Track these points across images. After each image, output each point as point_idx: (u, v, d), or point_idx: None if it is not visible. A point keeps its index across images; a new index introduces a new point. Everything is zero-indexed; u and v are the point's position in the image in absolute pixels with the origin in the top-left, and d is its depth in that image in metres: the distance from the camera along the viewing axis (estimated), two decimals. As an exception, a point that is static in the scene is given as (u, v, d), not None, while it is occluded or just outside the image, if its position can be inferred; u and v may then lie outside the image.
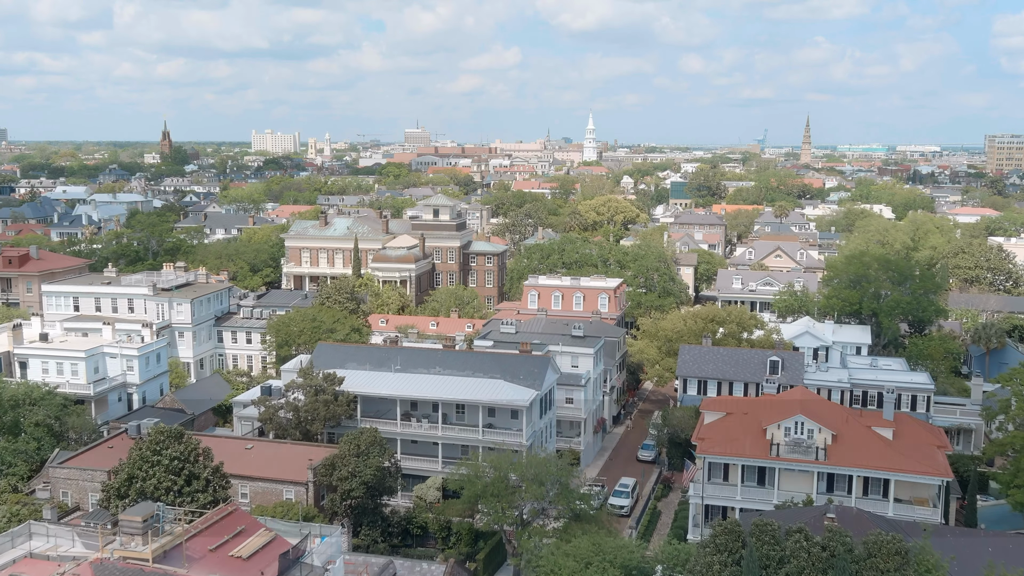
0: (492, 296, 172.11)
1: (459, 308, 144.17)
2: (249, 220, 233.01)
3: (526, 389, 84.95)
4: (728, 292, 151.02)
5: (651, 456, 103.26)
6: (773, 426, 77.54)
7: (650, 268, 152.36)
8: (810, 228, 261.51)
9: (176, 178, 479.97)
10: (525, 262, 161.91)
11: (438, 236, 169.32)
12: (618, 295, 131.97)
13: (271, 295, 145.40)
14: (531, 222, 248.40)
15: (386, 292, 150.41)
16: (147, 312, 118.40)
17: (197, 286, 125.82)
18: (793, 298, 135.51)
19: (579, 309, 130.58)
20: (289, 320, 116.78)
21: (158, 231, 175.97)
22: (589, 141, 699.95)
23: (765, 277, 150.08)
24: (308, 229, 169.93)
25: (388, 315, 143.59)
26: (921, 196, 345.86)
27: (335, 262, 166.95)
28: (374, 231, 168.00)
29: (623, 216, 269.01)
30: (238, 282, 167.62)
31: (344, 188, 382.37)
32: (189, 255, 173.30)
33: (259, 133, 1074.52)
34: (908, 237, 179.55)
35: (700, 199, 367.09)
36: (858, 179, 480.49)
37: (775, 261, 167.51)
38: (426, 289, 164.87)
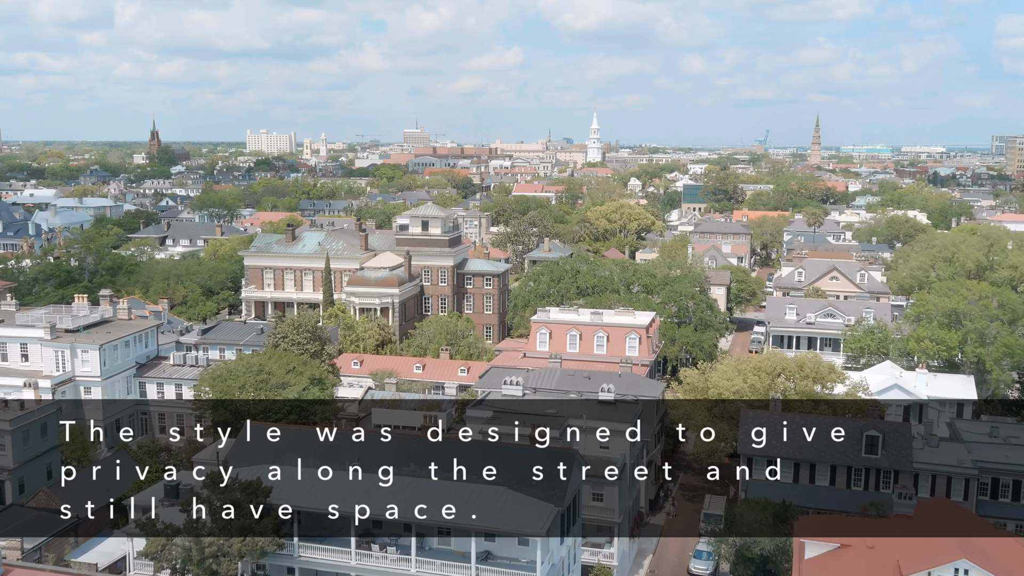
0: (492, 325, 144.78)
1: (451, 345, 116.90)
2: (216, 230, 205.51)
3: (541, 504, 57.68)
4: (780, 325, 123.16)
5: (708, 570, 75.93)
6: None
7: (684, 295, 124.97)
8: (847, 238, 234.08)
9: (159, 180, 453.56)
10: (531, 286, 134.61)
11: (427, 253, 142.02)
12: (651, 334, 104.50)
13: (219, 329, 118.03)
14: (536, 231, 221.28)
15: (362, 324, 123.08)
16: (43, 361, 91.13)
17: (115, 324, 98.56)
18: (869, 337, 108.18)
19: (602, 352, 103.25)
20: (227, 372, 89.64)
21: (95, 247, 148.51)
22: (593, 142, 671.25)
23: (826, 307, 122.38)
24: (272, 245, 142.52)
25: (363, 355, 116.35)
26: (959, 202, 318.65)
27: (303, 285, 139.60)
28: (350, 247, 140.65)
29: (637, 223, 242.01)
30: (188, 310, 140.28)
31: (334, 191, 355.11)
32: (132, 275, 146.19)
33: (254, 133, 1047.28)
34: (982, 254, 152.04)
35: (716, 204, 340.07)
36: (880, 182, 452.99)
37: (831, 284, 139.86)
38: (412, 318, 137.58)
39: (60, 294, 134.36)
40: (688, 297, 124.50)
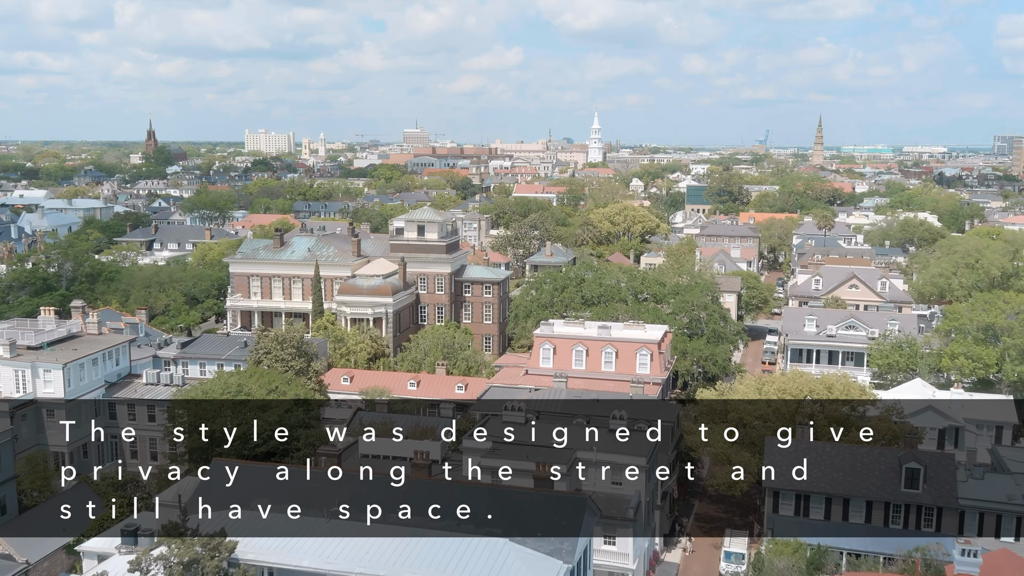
0: (491, 335, 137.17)
1: (448, 360, 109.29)
2: (206, 233, 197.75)
3: (548, 560, 50.12)
4: (799, 338, 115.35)
5: (733, 620, 68.45)
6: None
7: (696, 305, 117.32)
8: (858, 241, 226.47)
9: (154, 180, 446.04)
10: (533, 295, 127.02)
11: (423, 260, 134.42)
12: (664, 350, 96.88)
13: (200, 342, 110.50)
14: (537, 235, 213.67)
15: (352, 336, 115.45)
16: (2, 382, 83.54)
17: (83, 340, 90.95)
18: (897, 352, 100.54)
19: (610, 369, 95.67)
20: (202, 393, 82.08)
21: (73, 253, 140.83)
22: (595, 141, 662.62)
23: (847, 319, 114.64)
24: (259, 251, 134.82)
25: (354, 370, 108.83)
26: (970, 204, 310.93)
27: (292, 294, 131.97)
28: (342, 254, 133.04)
29: (641, 226, 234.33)
30: (171, 319, 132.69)
31: (330, 192, 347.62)
32: (113, 283, 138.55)
33: (252, 133, 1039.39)
34: (1007, 260, 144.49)
35: (721, 205, 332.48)
36: (887, 183, 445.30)
37: (850, 293, 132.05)
38: (407, 328, 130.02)
39: (35, 303, 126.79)
40: (700, 307, 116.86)
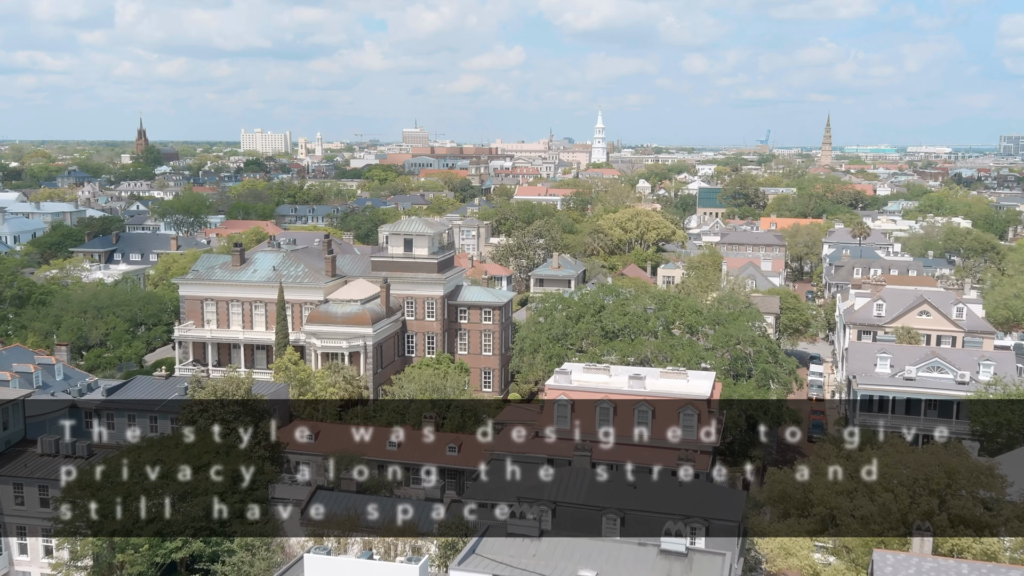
0: (492, 369, 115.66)
1: (438, 413, 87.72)
2: (171, 243, 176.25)
3: None
4: (871, 382, 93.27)
5: None
6: None
7: (743, 339, 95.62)
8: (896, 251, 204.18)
9: (138, 182, 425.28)
10: (541, 323, 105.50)
11: (411, 280, 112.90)
12: (713, 407, 75.16)
13: (132, 386, 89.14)
14: (542, 244, 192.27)
15: (320, 378, 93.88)
16: None
17: (-43, 399, 69.50)
18: (1010, 408, 78.96)
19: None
20: (103, 481, 60.81)
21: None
22: (598, 141, 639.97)
23: (930, 358, 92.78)
24: (215, 270, 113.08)
25: (320, 424, 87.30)
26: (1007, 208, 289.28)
27: (253, 322, 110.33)
28: (313, 273, 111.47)
29: (656, 233, 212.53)
30: (109, 353, 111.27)
31: (322, 195, 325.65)
32: (44, 307, 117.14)
33: (248, 132, 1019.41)
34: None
35: (737, 209, 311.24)
36: (907, 184, 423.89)
37: (920, 321, 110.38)
38: (391, 364, 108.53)
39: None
40: (748, 342, 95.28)
